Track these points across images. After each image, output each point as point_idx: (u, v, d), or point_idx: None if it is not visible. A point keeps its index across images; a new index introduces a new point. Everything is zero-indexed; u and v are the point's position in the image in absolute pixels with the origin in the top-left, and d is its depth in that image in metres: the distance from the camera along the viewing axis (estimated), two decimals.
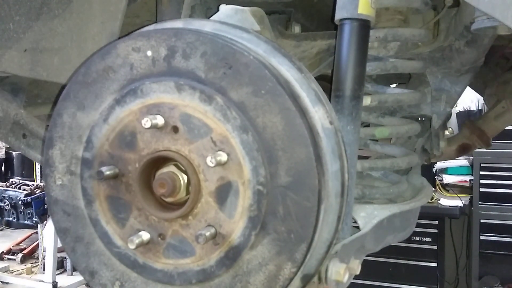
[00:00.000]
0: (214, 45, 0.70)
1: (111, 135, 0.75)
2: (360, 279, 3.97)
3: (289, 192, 0.67)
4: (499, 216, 3.94)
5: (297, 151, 0.67)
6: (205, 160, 0.69)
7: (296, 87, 0.72)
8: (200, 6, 1.23)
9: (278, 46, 0.77)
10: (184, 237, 0.72)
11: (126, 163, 0.75)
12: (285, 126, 0.67)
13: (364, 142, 1.42)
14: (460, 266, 4.38)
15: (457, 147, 2.06)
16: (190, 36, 0.70)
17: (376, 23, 1.27)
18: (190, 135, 0.70)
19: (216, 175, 0.69)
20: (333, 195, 0.72)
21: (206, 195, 0.70)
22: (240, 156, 0.68)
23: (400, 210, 1.16)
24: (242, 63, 0.68)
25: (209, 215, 0.70)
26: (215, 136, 0.69)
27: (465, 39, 1.37)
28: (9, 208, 6.27)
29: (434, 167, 4.20)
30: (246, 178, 0.68)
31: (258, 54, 0.73)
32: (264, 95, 0.68)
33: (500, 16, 0.83)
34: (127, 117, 0.74)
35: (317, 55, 1.40)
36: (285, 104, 0.67)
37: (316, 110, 0.72)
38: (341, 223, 0.78)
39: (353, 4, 0.94)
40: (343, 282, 0.79)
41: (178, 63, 0.71)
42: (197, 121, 0.70)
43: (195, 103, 0.70)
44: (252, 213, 0.68)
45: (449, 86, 1.56)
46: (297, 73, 0.74)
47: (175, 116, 0.71)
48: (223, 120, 0.69)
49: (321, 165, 0.69)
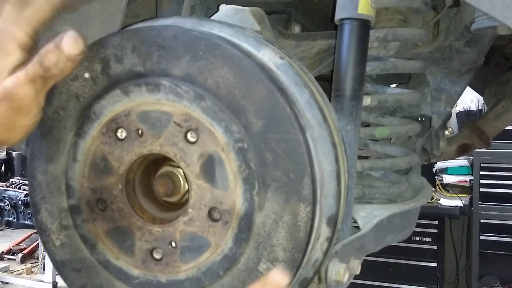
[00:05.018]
0: (140, 35, 0.68)
1: (85, 170, 0.73)
2: (360, 279, 3.97)
3: (268, 134, 0.64)
4: (499, 216, 3.95)
5: (256, 90, 0.64)
6: (178, 146, 0.67)
7: (233, 39, 0.70)
8: (200, 6, 1.23)
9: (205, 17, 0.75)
10: (193, 232, 0.68)
11: (110, 189, 0.72)
12: (235, 74, 0.64)
13: (364, 142, 1.42)
14: (460, 266, 4.38)
15: (457, 147, 2.06)
16: (115, 39, 0.69)
17: (376, 23, 1.27)
18: (154, 130, 0.68)
19: (195, 155, 0.66)
20: (316, 124, 0.68)
21: (194, 180, 0.67)
22: (208, 124, 0.65)
23: (400, 210, 1.16)
24: (170, 37, 0.67)
25: (206, 199, 0.67)
26: (177, 118, 0.67)
27: (465, 39, 1.37)
28: (9, 208, 6.28)
29: (434, 167, 4.21)
30: (223, 142, 0.65)
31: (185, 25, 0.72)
32: (203, 56, 0.65)
33: (500, 16, 0.83)
34: (93, 145, 0.72)
35: (317, 55, 1.40)
36: (226, 54, 0.65)
37: (263, 53, 0.70)
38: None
39: (353, 4, 0.94)
40: (343, 282, 0.79)
41: (116, 69, 0.69)
42: (155, 113, 0.68)
43: (145, 97, 0.68)
44: (244, 174, 0.65)
45: (449, 86, 1.56)
46: (230, 30, 0.72)
47: (133, 120, 0.69)
48: (177, 99, 0.66)
49: (287, 95, 0.66)
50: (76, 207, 0.74)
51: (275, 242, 0.65)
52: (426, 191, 1.39)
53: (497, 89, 2.14)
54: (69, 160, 0.73)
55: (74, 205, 0.74)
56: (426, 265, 4.05)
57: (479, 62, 1.51)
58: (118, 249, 0.73)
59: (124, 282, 0.73)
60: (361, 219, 1.07)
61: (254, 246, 0.66)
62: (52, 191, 0.75)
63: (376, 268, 4.01)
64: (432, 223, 4.03)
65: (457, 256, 4.38)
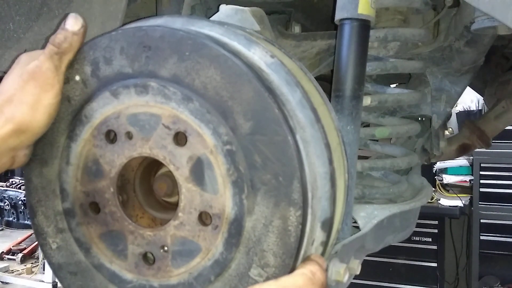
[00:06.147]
0: (127, 36, 0.68)
1: (78, 173, 0.72)
2: (360, 279, 3.97)
3: (257, 136, 0.62)
4: (499, 216, 3.95)
5: (243, 91, 0.62)
6: (167, 149, 0.66)
7: (222, 38, 0.69)
8: (200, 6, 1.23)
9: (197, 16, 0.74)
10: (184, 236, 0.68)
11: (102, 192, 0.71)
12: (222, 74, 0.63)
13: (364, 142, 1.42)
14: (460, 266, 4.38)
15: (457, 147, 2.06)
16: (104, 41, 0.69)
17: (376, 23, 1.27)
18: (143, 133, 0.67)
19: (184, 158, 0.65)
20: (308, 125, 0.65)
21: (184, 183, 0.66)
22: (196, 127, 0.64)
23: (400, 210, 1.16)
24: (157, 38, 0.66)
25: (195, 202, 0.66)
26: (166, 120, 0.66)
27: (465, 39, 1.37)
28: (9, 208, 6.28)
29: (434, 167, 4.21)
30: (211, 145, 0.64)
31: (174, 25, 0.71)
32: (189, 56, 0.64)
33: (500, 16, 0.83)
34: (84, 148, 0.71)
35: (317, 55, 1.40)
36: (212, 53, 0.63)
37: (253, 51, 0.68)
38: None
39: (353, 4, 0.94)
40: (343, 282, 0.79)
41: (105, 71, 0.69)
42: (144, 116, 0.67)
43: (134, 99, 0.67)
44: (233, 177, 0.63)
45: (449, 86, 1.56)
46: (220, 28, 0.70)
47: (123, 122, 0.68)
48: (165, 101, 0.66)
49: (277, 96, 0.64)
50: (71, 211, 0.74)
51: (266, 248, 0.64)
52: (426, 191, 1.38)
53: (497, 89, 2.14)
54: (63, 163, 0.73)
55: (69, 209, 0.74)
56: (426, 265, 4.06)
57: (479, 62, 1.51)
58: (111, 253, 0.72)
59: (118, 286, 0.73)
60: (361, 219, 1.07)
61: (245, 251, 0.65)
62: (48, 194, 0.75)
63: (376, 268, 4.01)
64: (432, 223, 4.03)
65: (457, 256, 4.38)
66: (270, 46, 0.73)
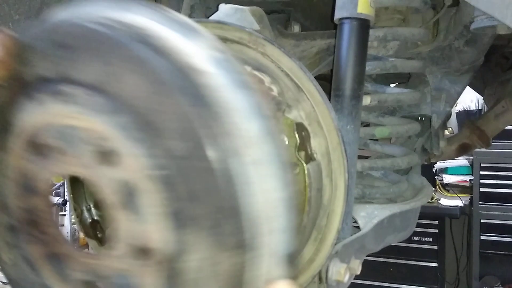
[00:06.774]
0: (40, 32, 0.59)
1: (14, 188, 0.63)
2: (360, 279, 3.97)
3: (193, 161, 0.51)
4: (499, 216, 3.94)
5: (168, 104, 0.51)
6: (92, 169, 0.55)
7: (155, 28, 0.55)
8: (199, 5, 1.23)
9: None
10: (122, 269, 0.57)
11: (38, 210, 0.62)
12: (145, 82, 0.52)
13: (364, 142, 1.42)
14: (460, 266, 4.38)
15: (457, 147, 2.06)
16: (23, 39, 0.60)
17: (376, 22, 1.27)
18: (67, 148, 0.57)
19: (112, 182, 0.54)
20: (257, 142, 0.53)
21: (114, 211, 0.55)
22: (124, 145, 0.53)
23: (400, 209, 1.16)
24: (67, 33, 0.56)
25: (130, 233, 0.54)
26: (91, 135, 0.55)
27: (465, 38, 1.37)
28: None
29: (434, 167, 4.20)
30: (143, 167, 0.52)
31: None
32: (110, 59, 0.53)
33: (500, 16, 0.83)
34: (16, 161, 0.62)
35: (317, 54, 1.40)
36: (131, 55, 0.52)
37: (196, 45, 0.54)
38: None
39: (352, 4, 0.94)
40: (344, 282, 0.79)
41: (26, 75, 0.60)
42: (68, 129, 0.56)
43: (58, 108, 0.56)
44: (170, 208, 0.52)
45: (449, 86, 1.56)
46: (154, 16, 0.57)
47: (47, 134, 0.58)
48: (91, 112, 0.55)
49: (211, 106, 0.51)
50: (15, 227, 0.65)
51: None
52: (426, 191, 1.38)
53: (497, 88, 2.14)
54: (1, 177, 0.64)
55: (13, 225, 0.65)
56: (426, 265, 4.05)
57: (479, 61, 1.51)
58: (57, 276, 0.63)
59: None
60: (361, 219, 1.07)
61: None
62: None
63: (376, 268, 4.01)
64: (432, 223, 4.03)
65: (457, 256, 4.38)
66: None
